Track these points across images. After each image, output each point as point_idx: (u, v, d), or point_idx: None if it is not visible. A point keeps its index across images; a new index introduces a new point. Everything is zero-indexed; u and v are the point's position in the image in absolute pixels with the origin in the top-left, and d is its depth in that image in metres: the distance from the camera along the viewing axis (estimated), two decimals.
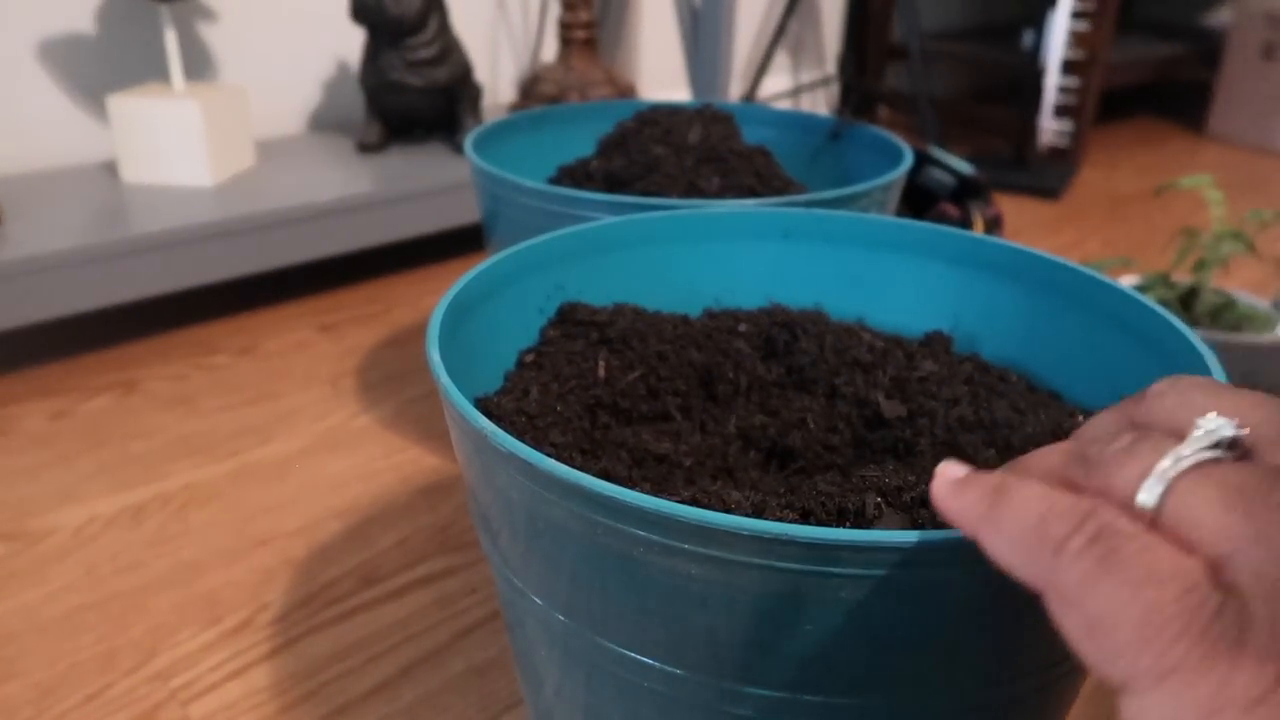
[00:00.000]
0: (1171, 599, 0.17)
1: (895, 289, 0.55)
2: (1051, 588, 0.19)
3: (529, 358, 0.49)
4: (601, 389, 0.46)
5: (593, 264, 0.54)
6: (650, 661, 0.32)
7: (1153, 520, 0.19)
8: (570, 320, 0.51)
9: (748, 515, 0.32)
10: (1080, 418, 0.43)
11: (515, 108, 1.37)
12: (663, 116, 0.77)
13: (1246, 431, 0.20)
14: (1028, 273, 0.50)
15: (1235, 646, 0.16)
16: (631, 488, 0.29)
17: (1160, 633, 0.17)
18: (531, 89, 1.36)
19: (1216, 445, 0.20)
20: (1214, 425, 0.20)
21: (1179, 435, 0.20)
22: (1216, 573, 0.17)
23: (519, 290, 0.50)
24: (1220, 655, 0.16)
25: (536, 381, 0.46)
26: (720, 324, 0.52)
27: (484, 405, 0.44)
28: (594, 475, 0.29)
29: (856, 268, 0.55)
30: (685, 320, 0.52)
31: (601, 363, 0.47)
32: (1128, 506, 0.19)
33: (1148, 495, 0.19)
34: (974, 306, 0.52)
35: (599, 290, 0.54)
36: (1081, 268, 0.47)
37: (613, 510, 0.29)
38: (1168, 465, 0.19)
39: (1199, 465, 0.19)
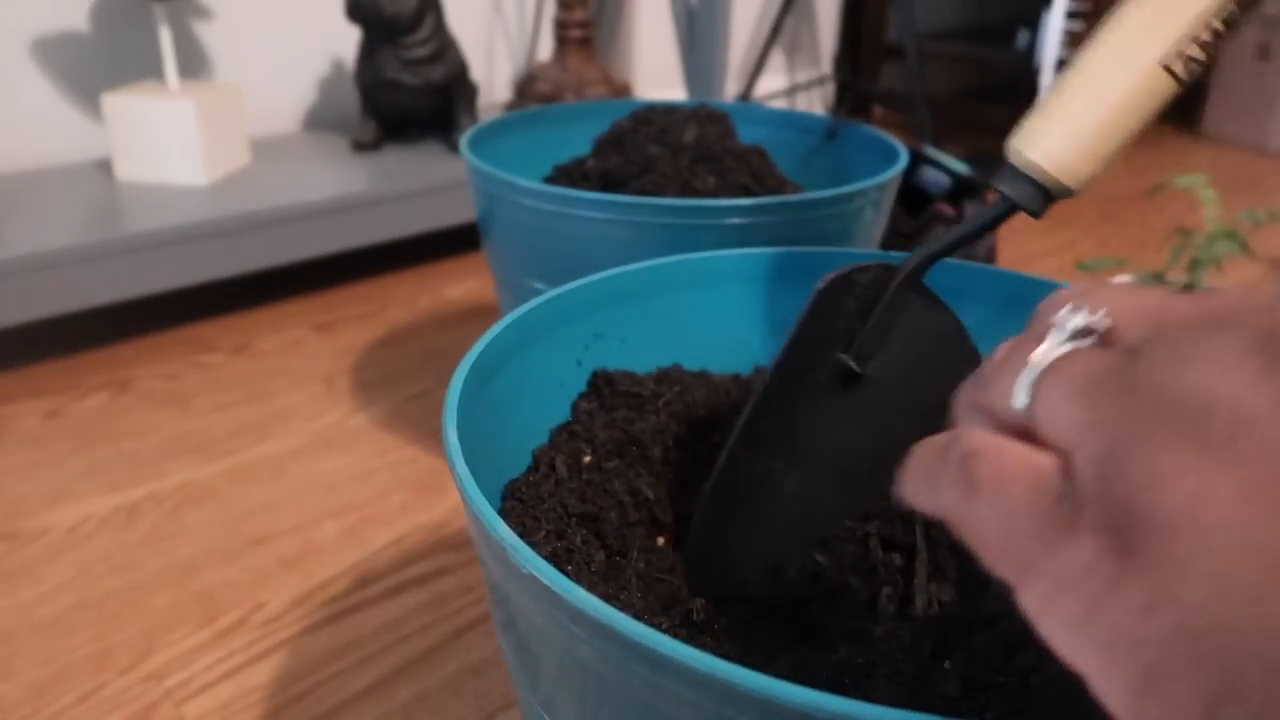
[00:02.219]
0: (1020, 500, 0.18)
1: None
2: (946, 520, 0.20)
3: (561, 437, 0.45)
4: (651, 491, 0.42)
5: (634, 309, 0.49)
6: None
7: (1026, 424, 0.19)
8: (606, 391, 0.47)
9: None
10: None
11: (511, 107, 1.37)
12: (658, 116, 0.77)
13: (1101, 318, 0.20)
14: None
15: (1069, 527, 0.17)
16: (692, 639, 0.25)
17: (1015, 533, 0.18)
18: (527, 88, 1.36)
19: (1075, 337, 0.20)
20: (1069, 318, 0.20)
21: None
22: (1065, 464, 0.18)
23: (551, 342, 0.46)
24: (1059, 539, 0.17)
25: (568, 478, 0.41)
26: None
27: (514, 489, 0.40)
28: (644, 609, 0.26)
29: None
30: (738, 382, 0.48)
31: (645, 477, 0.43)
32: (1006, 417, 0.20)
33: (1016, 401, 0.19)
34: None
35: (641, 341, 0.49)
36: None
37: (685, 679, 0.24)
38: (1031, 366, 0.19)
39: (1056, 360, 0.19)
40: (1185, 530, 0.15)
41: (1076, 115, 0.34)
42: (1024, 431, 0.19)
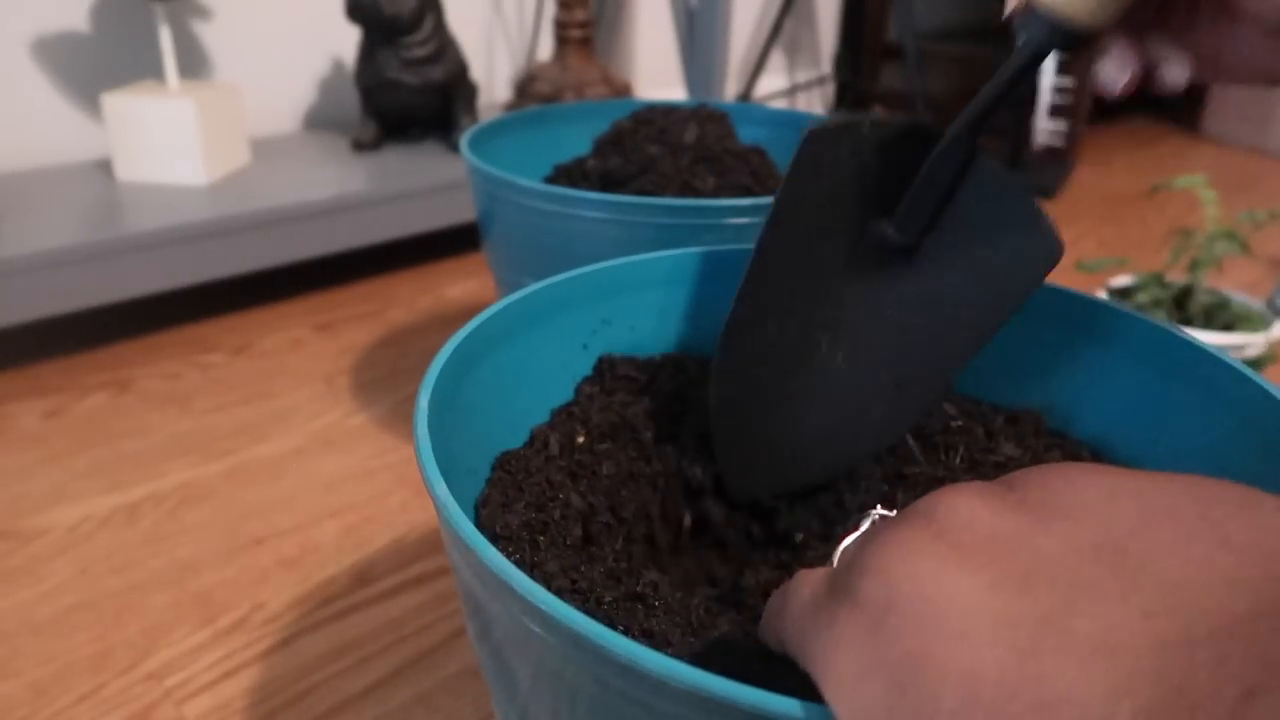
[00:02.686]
0: (804, 588, 0.23)
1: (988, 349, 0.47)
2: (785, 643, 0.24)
3: (560, 417, 0.45)
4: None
5: (644, 298, 0.49)
6: None
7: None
8: (608, 375, 0.46)
9: None
10: None
11: (511, 107, 1.37)
12: (658, 116, 0.77)
13: (884, 514, 0.28)
14: (1137, 342, 0.43)
15: (829, 598, 0.22)
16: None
17: (800, 613, 0.23)
18: (527, 88, 1.35)
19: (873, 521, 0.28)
20: (875, 515, 0.28)
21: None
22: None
23: (556, 324, 0.46)
24: (821, 610, 0.22)
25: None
26: None
27: (505, 461, 0.40)
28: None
29: None
30: None
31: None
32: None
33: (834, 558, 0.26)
34: (1071, 376, 0.46)
35: (650, 330, 0.49)
36: (1199, 344, 0.41)
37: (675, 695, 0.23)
38: (841, 548, 0.26)
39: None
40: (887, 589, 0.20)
41: None
42: None
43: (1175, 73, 0.33)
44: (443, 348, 0.38)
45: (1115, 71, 0.32)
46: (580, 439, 0.43)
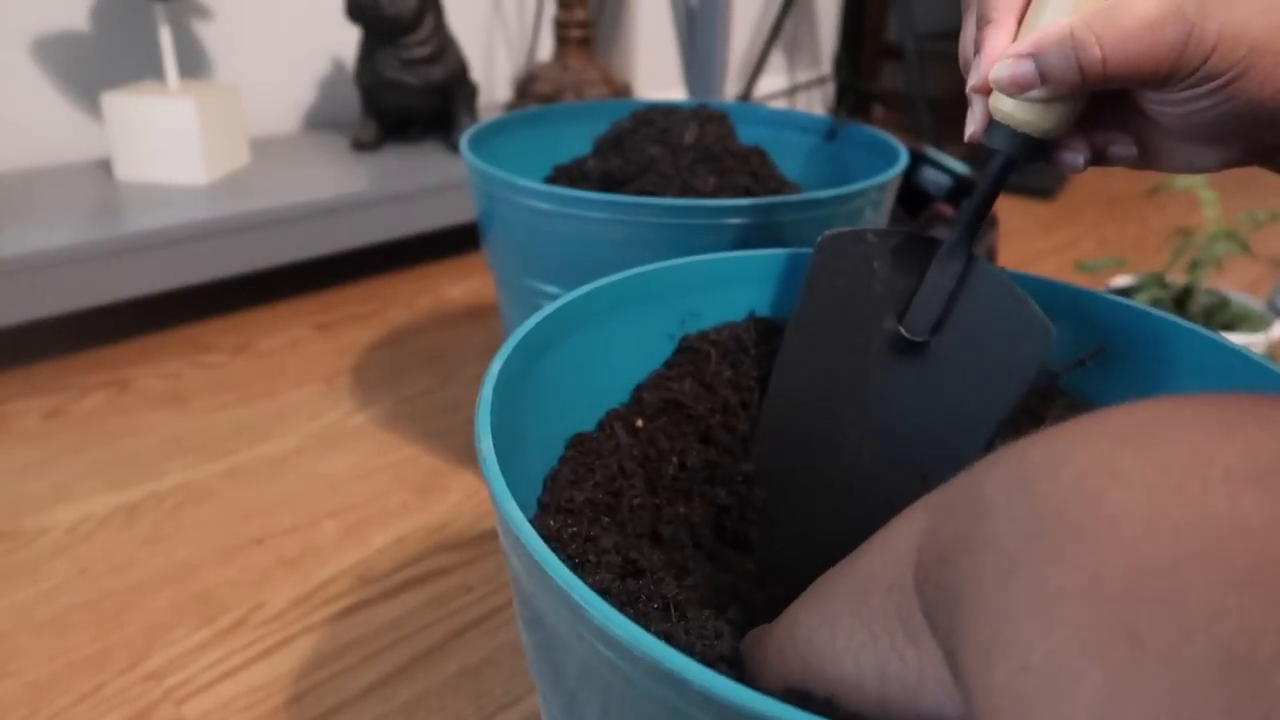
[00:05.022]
0: None
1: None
2: None
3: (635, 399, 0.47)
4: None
5: (728, 294, 0.50)
6: None
7: None
8: (675, 358, 0.49)
9: None
10: None
11: (511, 107, 1.37)
12: (658, 116, 0.77)
13: None
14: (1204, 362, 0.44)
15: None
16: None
17: None
18: (527, 88, 1.35)
19: None
20: None
21: None
22: None
23: (638, 314, 0.47)
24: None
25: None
26: None
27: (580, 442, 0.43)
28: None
29: None
30: None
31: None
32: None
33: None
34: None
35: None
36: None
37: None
38: None
39: None
40: None
41: None
42: None
43: (1123, 152, 0.38)
44: (521, 326, 0.40)
45: (1072, 157, 0.38)
46: (639, 422, 0.46)
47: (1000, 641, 0.17)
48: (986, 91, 0.37)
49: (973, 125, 0.38)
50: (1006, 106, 0.36)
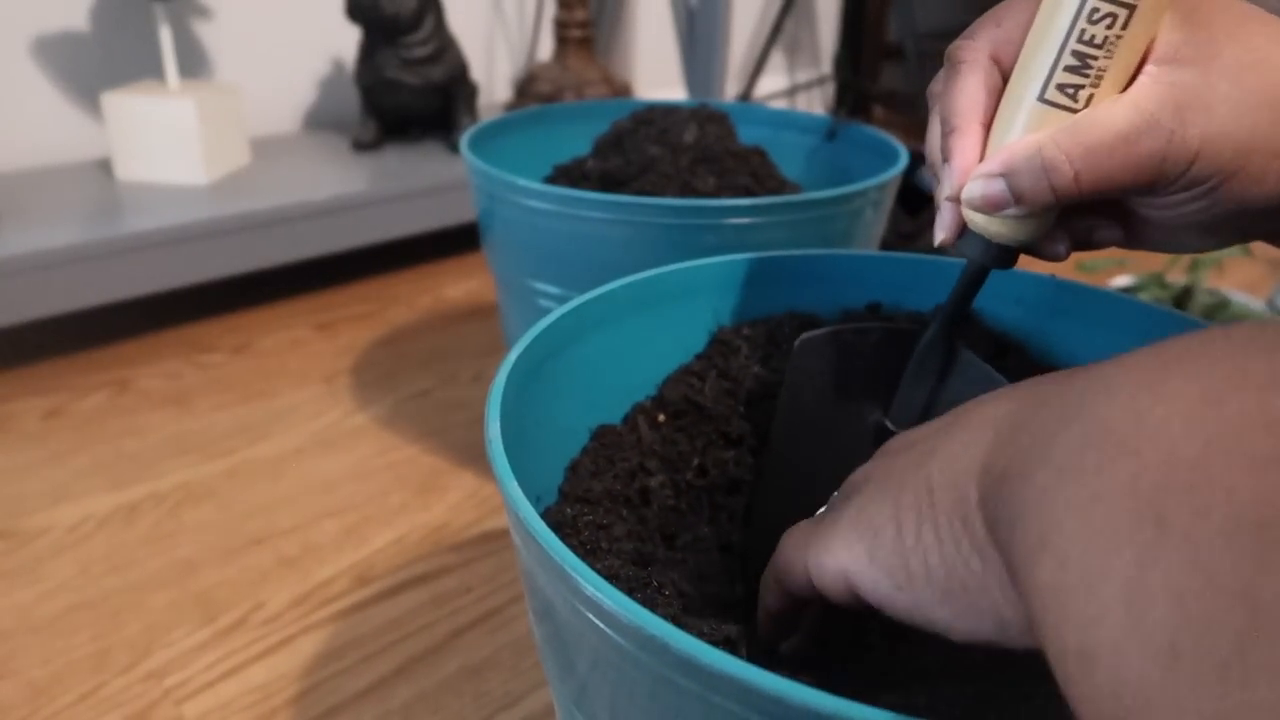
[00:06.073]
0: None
1: None
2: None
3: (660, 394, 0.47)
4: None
5: (762, 294, 0.50)
6: None
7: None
8: (706, 352, 0.49)
9: None
10: None
11: (511, 106, 1.37)
12: (658, 116, 0.77)
13: None
14: None
15: None
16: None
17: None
18: (527, 88, 1.36)
19: None
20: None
21: None
22: None
23: (680, 310, 0.48)
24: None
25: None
26: None
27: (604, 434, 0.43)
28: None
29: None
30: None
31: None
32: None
33: None
34: None
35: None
36: None
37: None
38: None
39: None
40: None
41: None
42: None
43: (1107, 237, 0.37)
44: (549, 315, 0.41)
45: (1053, 249, 0.36)
46: (661, 417, 0.46)
47: (1045, 544, 0.19)
48: (958, 200, 0.35)
49: (943, 233, 0.36)
50: (980, 220, 0.35)
